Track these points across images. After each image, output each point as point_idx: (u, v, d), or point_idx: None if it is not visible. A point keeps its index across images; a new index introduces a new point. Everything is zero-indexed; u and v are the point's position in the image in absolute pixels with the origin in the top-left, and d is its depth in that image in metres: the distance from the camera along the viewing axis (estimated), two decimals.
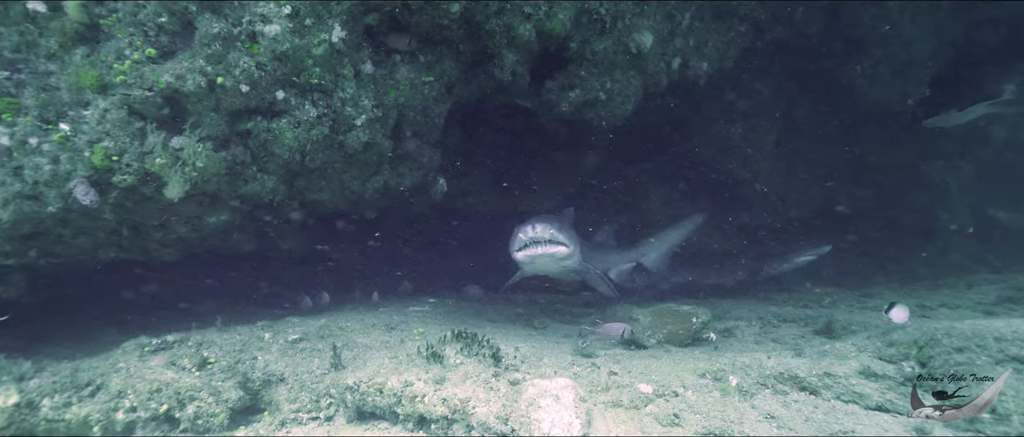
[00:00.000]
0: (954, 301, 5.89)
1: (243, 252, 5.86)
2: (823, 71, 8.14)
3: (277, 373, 4.10)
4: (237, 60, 4.21)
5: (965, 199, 9.75)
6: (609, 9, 5.90)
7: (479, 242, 8.30)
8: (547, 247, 5.69)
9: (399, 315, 5.58)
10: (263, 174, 4.78)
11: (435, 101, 5.59)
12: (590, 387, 3.67)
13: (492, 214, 8.12)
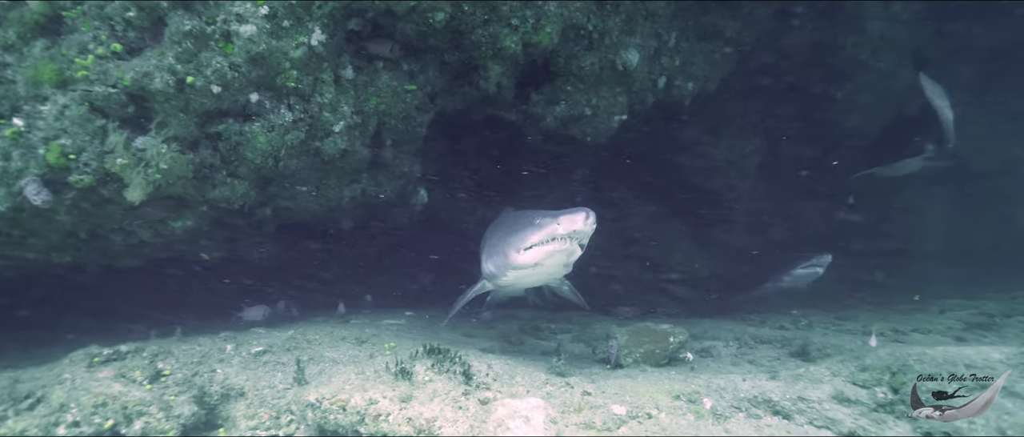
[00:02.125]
0: (926, 326, 5.89)
1: (211, 259, 5.66)
2: (806, 96, 8.21)
3: (237, 387, 3.91)
4: (209, 60, 4.07)
5: (940, 224, 9.88)
6: (596, 25, 5.88)
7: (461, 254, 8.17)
8: (569, 243, 4.27)
9: (372, 328, 5.41)
10: (233, 179, 4.62)
11: (417, 110, 5.49)
12: (562, 408, 3.53)
13: (474, 226, 8.00)
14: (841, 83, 7.79)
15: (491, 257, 4.73)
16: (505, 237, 4.55)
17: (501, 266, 4.59)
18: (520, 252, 4.33)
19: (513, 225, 4.65)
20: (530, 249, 4.29)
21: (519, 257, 4.35)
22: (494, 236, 4.88)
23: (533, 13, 5.24)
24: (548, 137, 6.64)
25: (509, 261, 4.45)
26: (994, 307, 6.90)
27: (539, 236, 4.24)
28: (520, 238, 4.34)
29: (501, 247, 4.54)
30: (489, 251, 4.81)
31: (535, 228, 4.28)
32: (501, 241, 4.58)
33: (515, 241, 4.38)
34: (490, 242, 4.89)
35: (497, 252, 4.62)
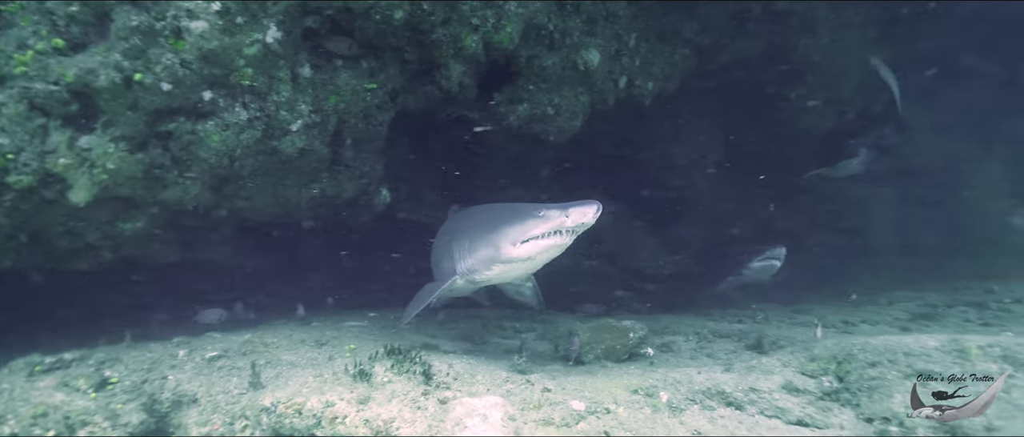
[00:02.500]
0: (875, 317, 6.15)
1: (165, 262, 5.49)
2: (762, 97, 8.45)
3: (189, 393, 3.81)
4: (159, 56, 3.96)
5: (889, 222, 10.30)
6: (558, 25, 5.94)
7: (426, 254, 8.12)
8: (569, 237, 4.13)
9: (333, 330, 5.33)
10: (186, 179, 4.50)
11: (378, 109, 5.44)
12: (522, 405, 3.56)
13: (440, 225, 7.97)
14: (795, 84, 8.05)
15: (474, 251, 4.43)
16: (495, 229, 4.25)
17: (487, 259, 4.31)
18: (516, 245, 4.09)
19: (499, 217, 4.36)
20: (528, 242, 4.07)
21: (514, 250, 4.10)
22: (474, 230, 4.53)
23: (494, 13, 5.26)
24: (512, 136, 6.67)
25: (500, 254, 4.18)
26: (937, 298, 7.25)
27: (543, 228, 4.03)
28: (518, 230, 4.09)
29: (490, 239, 4.25)
30: (471, 245, 4.48)
31: (538, 219, 4.03)
32: (490, 233, 4.28)
33: (511, 233, 4.11)
34: (471, 235, 4.53)
35: (484, 244, 4.32)
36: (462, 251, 4.58)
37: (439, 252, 5.14)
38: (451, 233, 5.04)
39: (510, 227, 4.16)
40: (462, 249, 4.58)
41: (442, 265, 4.95)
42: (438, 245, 5.30)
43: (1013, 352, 3.31)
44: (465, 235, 4.64)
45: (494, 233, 4.25)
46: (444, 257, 4.93)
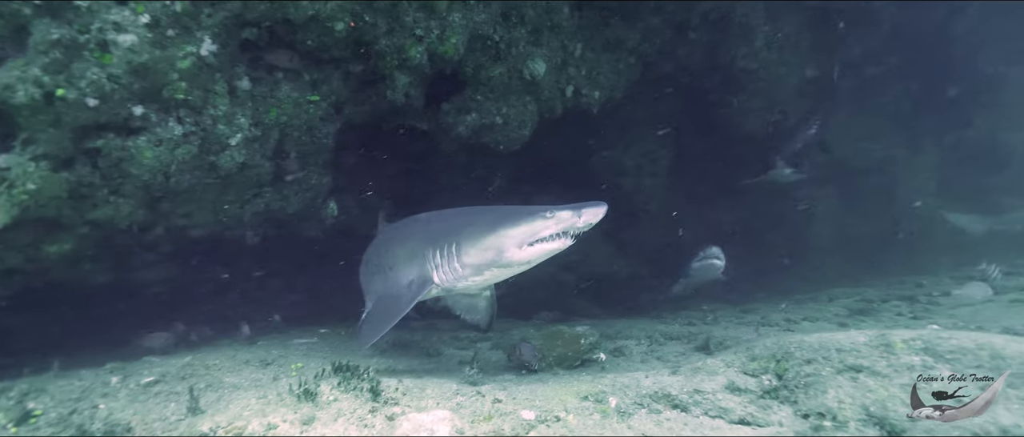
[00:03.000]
0: (815, 314, 6.41)
1: (97, 284, 5.23)
2: (706, 103, 8.73)
3: (123, 423, 3.62)
4: (83, 71, 3.79)
5: (831, 221, 10.79)
6: (503, 36, 5.99)
7: None
8: (570, 240, 3.94)
9: (279, 349, 5.19)
10: (118, 197, 4.31)
11: (322, 121, 5.36)
12: (472, 417, 3.54)
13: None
14: (735, 91, 8.35)
15: (464, 255, 4.02)
16: (496, 230, 3.90)
17: (481, 264, 3.95)
18: (522, 248, 3.81)
19: (497, 218, 4.02)
20: (534, 244, 3.82)
21: (520, 253, 3.83)
22: (460, 233, 4.11)
23: (438, 24, 5.27)
24: (462, 146, 6.68)
25: (502, 258, 3.86)
26: (873, 293, 7.62)
27: (553, 229, 3.80)
28: (526, 231, 3.81)
29: (489, 242, 3.90)
30: (461, 248, 4.05)
31: (548, 221, 3.79)
32: (489, 235, 3.93)
33: (517, 235, 3.81)
34: (458, 238, 4.09)
35: (478, 248, 3.95)
36: (444, 256, 4.13)
37: (380, 265, 4.67)
38: (402, 242, 4.61)
39: (516, 228, 3.85)
40: (443, 254, 4.14)
41: (386, 279, 4.53)
42: (375, 260, 4.81)
43: (933, 345, 3.50)
44: (446, 238, 4.15)
45: (495, 235, 3.90)
46: (396, 268, 4.49)
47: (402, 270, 4.39)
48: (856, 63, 9.75)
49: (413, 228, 4.70)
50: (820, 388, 3.46)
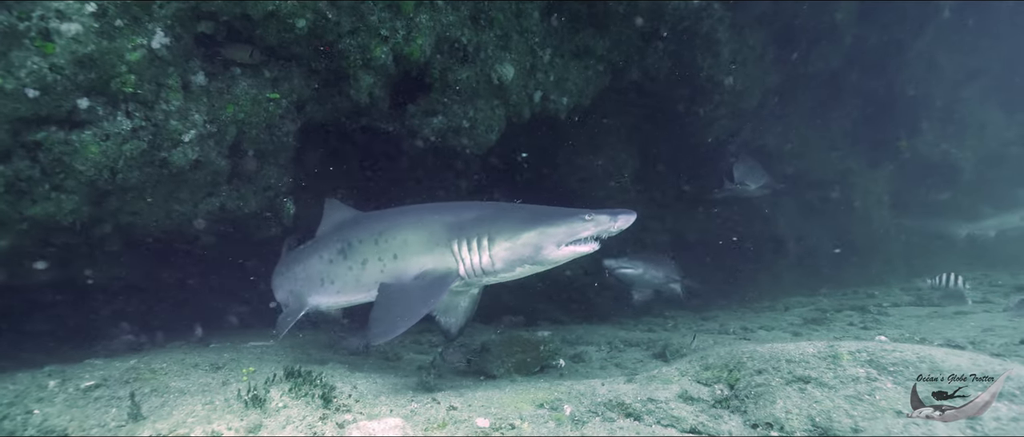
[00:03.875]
0: (771, 323, 6.55)
1: (38, 282, 5.00)
2: (673, 112, 8.85)
3: (58, 429, 3.46)
4: (23, 60, 3.61)
5: (792, 230, 11.06)
6: (471, 39, 5.96)
7: None
8: (596, 244, 3.99)
9: (232, 352, 5.03)
10: (59, 193, 4.12)
11: (282, 119, 5.23)
12: (426, 425, 3.50)
13: None
14: (702, 101, 8.49)
15: (498, 248, 3.94)
16: (535, 227, 3.91)
17: (515, 259, 3.93)
18: (560, 247, 3.86)
19: (533, 215, 4.04)
20: (570, 245, 3.87)
21: (557, 252, 3.88)
22: (492, 225, 4.02)
23: (404, 24, 5.21)
24: (428, 148, 6.62)
25: (540, 255, 3.89)
26: (827, 303, 7.85)
27: (590, 232, 3.87)
28: (565, 231, 3.86)
29: (527, 238, 3.89)
30: (494, 241, 3.95)
31: (586, 223, 3.85)
32: (527, 231, 3.92)
33: (557, 234, 3.85)
34: (491, 231, 3.99)
35: (515, 243, 3.91)
36: (471, 248, 4.00)
37: (358, 254, 4.34)
38: (409, 230, 4.28)
39: (556, 227, 3.88)
40: (471, 246, 4.00)
41: (381, 269, 4.22)
42: (347, 248, 4.42)
43: (877, 357, 3.60)
44: (475, 229, 4.03)
45: (535, 231, 3.91)
46: (401, 257, 4.18)
47: (410, 260, 4.12)
48: (818, 77, 10.03)
49: (416, 217, 4.41)
50: (769, 398, 3.52)
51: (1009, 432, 2.97)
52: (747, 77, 8.45)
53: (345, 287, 4.45)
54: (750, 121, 9.34)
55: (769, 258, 10.70)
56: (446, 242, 4.06)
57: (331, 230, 4.86)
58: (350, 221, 4.81)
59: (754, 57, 8.51)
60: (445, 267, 4.03)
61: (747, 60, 8.36)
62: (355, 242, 4.38)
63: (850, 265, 10.95)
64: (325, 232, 4.97)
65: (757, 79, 8.72)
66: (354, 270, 4.35)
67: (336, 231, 4.72)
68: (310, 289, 4.65)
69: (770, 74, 8.92)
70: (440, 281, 3.99)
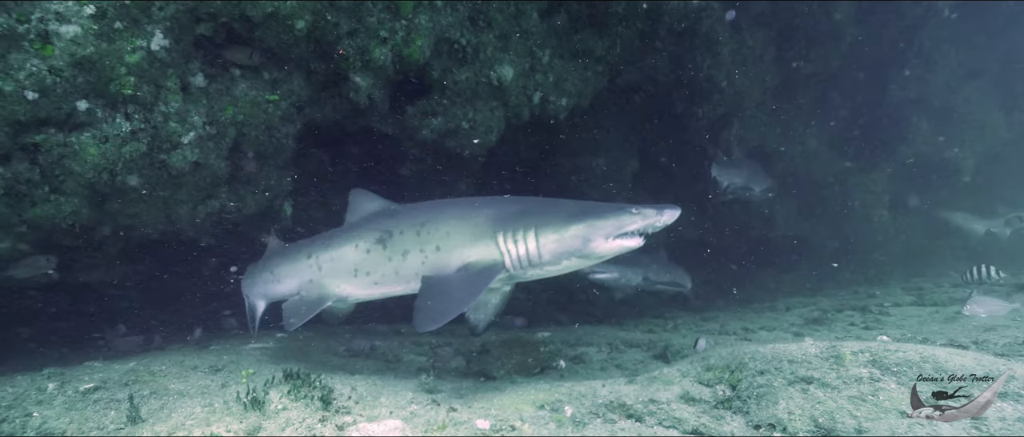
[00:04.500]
0: (772, 323, 6.52)
1: (39, 285, 4.99)
2: (673, 113, 8.85)
3: (57, 431, 3.44)
4: (22, 62, 3.61)
5: (791, 230, 11.06)
6: (470, 40, 5.95)
7: None
8: (640, 239, 3.95)
9: (232, 354, 5.02)
10: (59, 195, 4.11)
11: (281, 121, 5.23)
12: (425, 427, 3.48)
13: None
14: (701, 102, 8.49)
15: (546, 240, 3.92)
16: (583, 219, 3.90)
17: (563, 252, 3.91)
18: (608, 240, 3.83)
19: (580, 208, 4.04)
20: (617, 238, 3.84)
21: (604, 245, 3.85)
22: (537, 217, 4.01)
23: (403, 26, 5.20)
24: (427, 150, 6.61)
25: (588, 248, 3.87)
26: (828, 303, 7.82)
27: (637, 225, 3.85)
28: (613, 224, 3.84)
29: (576, 230, 3.88)
30: (541, 233, 3.93)
31: (634, 216, 3.84)
32: (575, 223, 3.91)
33: (605, 226, 3.83)
34: (537, 223, 3.96)
35: (563, 235, 3.89)
36: (517, 240, 3.96)
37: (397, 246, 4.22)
38: (451, 222, 4.23)
39: (604, 220, 3.87)
40: (517, 238, 3.96)
41: (422, 261, 4.14)
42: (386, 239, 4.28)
43: (880, 357, 3.58)
44: (521, 222, 4.00)
45: (584, 224, 3.89)
46: (444, 249, 4.11)
47: (454, 252, 4.08)
48: (817, 77, 10.03)
49: (459, 209, 4.35)
50: (772, 399, 3.50)
51: (1015, 432, 2.95)
52: (746, 77, 8.44)
53: (383, 279, 4.28)
54: (747, 121, 9.33)
55: (770, 258, 10.69)
56: (491, 234, 4.01)
57: (363, 220, 4.63)
58: (385, 211, 4.67)
59: (753, 57, 8.51)
60: (491, 259, 3.99)
61: (746, 60, 8.36)
62: (396, 232, 4.26)
63: (850, 265, 10.94)
64: (355, 222, 4.70)
65: (756, 79, 8.71)
66: (393, 261, 4.22)
67: (370, 221, 4.54)
68: (339, 279, 4.42)
69: (769, 74, 8.91)
70: (486, 272, 3.94)
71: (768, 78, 8.87)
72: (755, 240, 10.93)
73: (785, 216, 10.98)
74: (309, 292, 4.54)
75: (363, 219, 4.66)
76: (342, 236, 4.56)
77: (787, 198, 10.70)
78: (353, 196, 4.88)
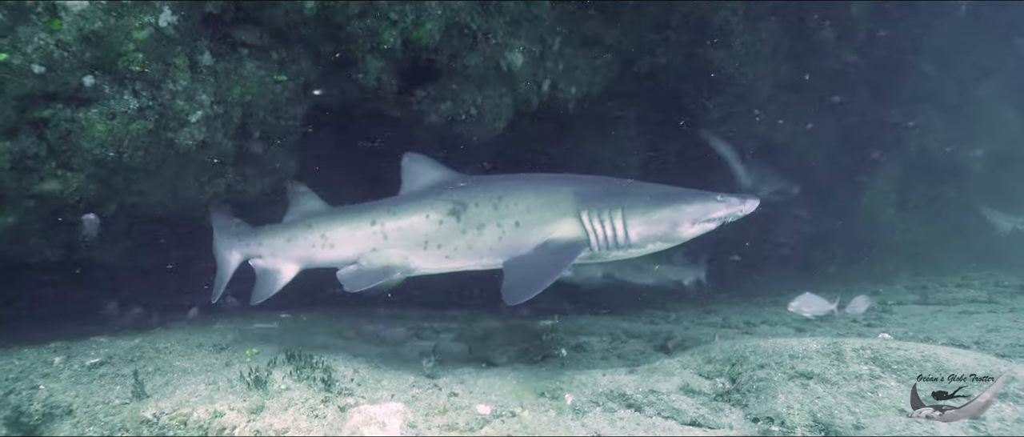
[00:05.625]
0: (774, 318, 6.53)
1: (45, 260, 5.02)
2: (682, 104, 8.77)
3: (64, 405, 3.50)
4: (30, 36, 3.60)
5: (795, 228, 11.01)
6: (481, 25, 5.89)
7: None
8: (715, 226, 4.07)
9: (235, 333, 5.07)
10: (66, 170, 4.13)
11: (289, 102, 5.20)
12: (427, 411, 3.52)
13: None
14: (712, 93, 8.41)
15: (633, 221, 3.91)
16: (670, 204, 3.93)
17: (650, 235, 3.92)
18: (693, 225, 3.90)
19: (666, 192, 4.08)
20: (700, 224, 3.92)
21: (690, 229, 3.92)
22: (626, 198, 3.99)
23: (413, 8, 5.15)
24: (433, 135, 6.58)
25: (675, 232, 3.91)
26: None
27: (721, 213, 3.92)
28: (700, 209, 3.90)
29: (664, 214, 3.89)
30: (630, 215, 3.91)
31: (719, 204, 3.92)
32: (664, 207, 3.92)
33: (692, 212, 3.89)
34: (629, 204, 3.95)
35: (650, 218, 3.89)
36: (603, 221, 3.93)
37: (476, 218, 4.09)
38: (530, 196, 4.12)
39: (692, 206, 3.92)
40: (602, 218, 3.93)
41: (499, 235, 4.04)
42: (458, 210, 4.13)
43: (881, 355, 3.58)
44: (605, 202, 3.96)
45: (672, 208, 3.92)
46: (524, 226, 4.01)
47: (534, 229, 4.01)
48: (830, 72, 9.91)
49: (537, 185, 4.25)
50: (771, 393, 3.51)
51: (1013, 433, 2.96)
52: (759, 70, 8.35)
53: (455, 253, 4.17)
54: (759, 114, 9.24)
55: (773, 253, 10.66)
56: (574, 212, 3.98)
57: (428, 189, 4.45)
58: (451, 181, 4.50)
59: (767, 50, 8.41)
60: (574, 236, 3.95)
61: (760, 53, 8.26)
62: (470, 205, 4.14)
63: (855, 262, 10.89)
64: (419, 190, 4.53)
65: (769, 72, 8.62)
66: (468, 235, 4.11)
67: (438, 190, 4.37)
68: (407, 251, 4.23)
69: (783, 67, 8.81)
70: (570, 249, 3.89)
71: (781, 71, 8.77)
72: (759, 235, 10.90)
73: (789, 213, 10.92)
74: (371, 261, 4.29)
75: (428, 187, 4.49)
76: (410, 204, 4.35)
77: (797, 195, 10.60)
78: (408, 161, 4.71)
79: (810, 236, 11.37)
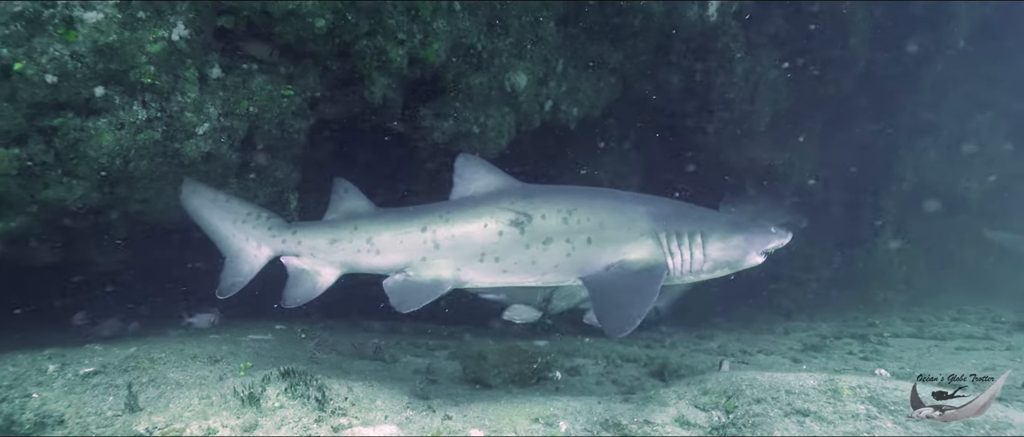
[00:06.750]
0: (770, 347, 6.53)
1: (43, 264, 5.02)
2: (681, 128, 8.85)
3: (55, 414, 3.49)
4: (46, 46, 3.65)
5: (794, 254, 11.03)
6: (486, 46, 5.98)
7: None
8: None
9: (230, 345, 5.06)
10: (71, 178, 4.15)
11: (295, 116, 5.25)
12: (420, 433, 3.51)
13: None
14: (711, 119, 8.49)
15: (713, 246, 3.80)
16: (742, 232, 3.89)
17: (724, 260, 3.86)
18: (759, 253, 3.88)
19: (734, 220, 4.08)
20: (763, 253, 3.92)
21: (754, 259, 3.90)
22: (704, 223, 3.92)
23: (421, 29, 5.23)
24: (436, 151, 6.63)
25: (744, 259, 3.88)
26: (827, 329, 7.82)
27: (776, 244, 3.94)
28: (764, 239, 3.89)
29: (737, 242, 3.83)
30: (709, 239, 3.80)
31: (774, 236, 3.93)
32: (737, 235, 3.86)
33: (760, 242, 3.87)
34: (708, 229, 3.85)
35: (727, 244, 3.82)
36: (683, 243, 3.78)
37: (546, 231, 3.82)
38: (604, 213, 3.91)
39: (760, 236, 3.90)
40: (683, 241, 3.78)
41: (570, 250, 3.82)
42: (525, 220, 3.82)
43: (879, 394, 3.60)
44: (684, 225, 3.84)
45: (745, 236, 3.87)
46: (597, 243, 3.81)
47: (607, 247, 3.78)
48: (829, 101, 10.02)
49: (607, 200, 4.09)
50: (766, 429, 3.52)
51: None
52: (759, 96, 8.45)
53: (515, 267, 3.86)
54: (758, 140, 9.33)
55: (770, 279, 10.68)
56: (652, 232, 3.79)
57: (486, 196, 4.06)
58: (512, 189, 4.13)
59: (767, 77, 8.51)
60: (653, 259, 3.74)
61: (760, 80, 8.35)
62: (536, 216, 3.81)
63: (850, 291, 10.92)
64: (474, 196, 4.12)
65: (769, 99, 8.71)
66: (531, 249, 3.80)
67: (497, 197, 4.00)
68: (461, 262, 3.89)
69: (782, 95, 8.91)
70: (655, 272, 3.69)
71: (781, 98, 8.87)
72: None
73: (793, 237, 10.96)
74: (420, 272, 3.93)
75: (484, 193, 4.11)
76: (466, 211, 3.98)
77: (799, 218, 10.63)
78: (462, 162, 4.28)
79: (806, 262, 11.40)
